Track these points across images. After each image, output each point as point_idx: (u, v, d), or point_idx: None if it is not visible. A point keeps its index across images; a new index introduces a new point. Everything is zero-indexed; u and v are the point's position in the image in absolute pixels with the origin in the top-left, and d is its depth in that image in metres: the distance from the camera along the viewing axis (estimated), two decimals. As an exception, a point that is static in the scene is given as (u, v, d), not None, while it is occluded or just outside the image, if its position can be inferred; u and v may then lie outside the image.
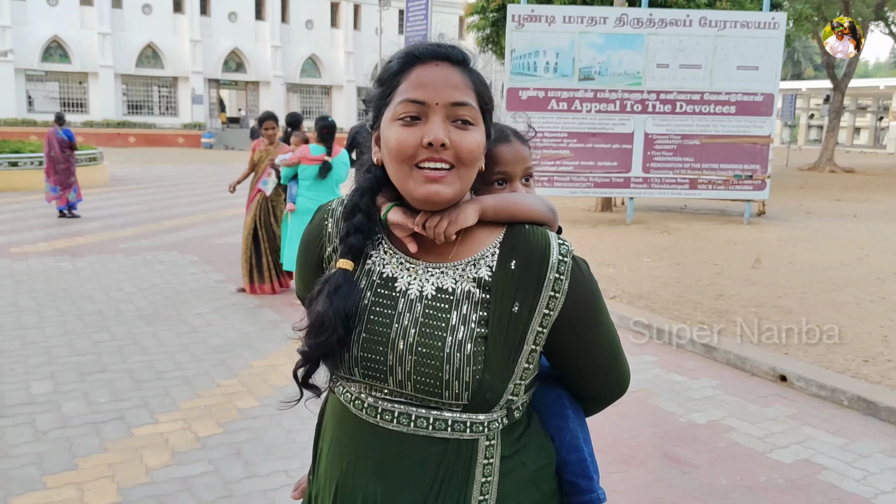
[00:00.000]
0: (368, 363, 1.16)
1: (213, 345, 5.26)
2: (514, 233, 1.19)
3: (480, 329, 1.13)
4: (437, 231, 1.15)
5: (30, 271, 7.48)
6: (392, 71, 1.18)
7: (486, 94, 1.19)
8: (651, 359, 5.17)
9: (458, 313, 1.14)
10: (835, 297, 6.66)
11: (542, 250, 1.16)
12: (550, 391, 1.30)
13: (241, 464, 3.47)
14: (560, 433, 1.28)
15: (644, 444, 3.80)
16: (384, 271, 1.21)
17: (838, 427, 4.07)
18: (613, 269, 7.70)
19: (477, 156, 1.15)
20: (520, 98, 10.97)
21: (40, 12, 35.31)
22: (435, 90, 1.12)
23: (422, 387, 1.13)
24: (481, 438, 1.15)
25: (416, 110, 1.13)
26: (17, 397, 4.19)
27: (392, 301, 1.18)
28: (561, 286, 1.15)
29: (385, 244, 1.23)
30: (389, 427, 1.16)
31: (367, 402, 1.18)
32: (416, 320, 1.15)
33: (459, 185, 1.14)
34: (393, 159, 1.15)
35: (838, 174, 25.12)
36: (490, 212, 1.20)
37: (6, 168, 15.08)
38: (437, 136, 1.10)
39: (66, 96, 37.10)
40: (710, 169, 11.37)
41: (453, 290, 1.16)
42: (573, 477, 1.28)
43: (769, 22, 11.20)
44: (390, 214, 1.20)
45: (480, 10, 20.09)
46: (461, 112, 1.13)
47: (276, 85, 40.49)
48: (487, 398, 1.13)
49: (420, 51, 1.17)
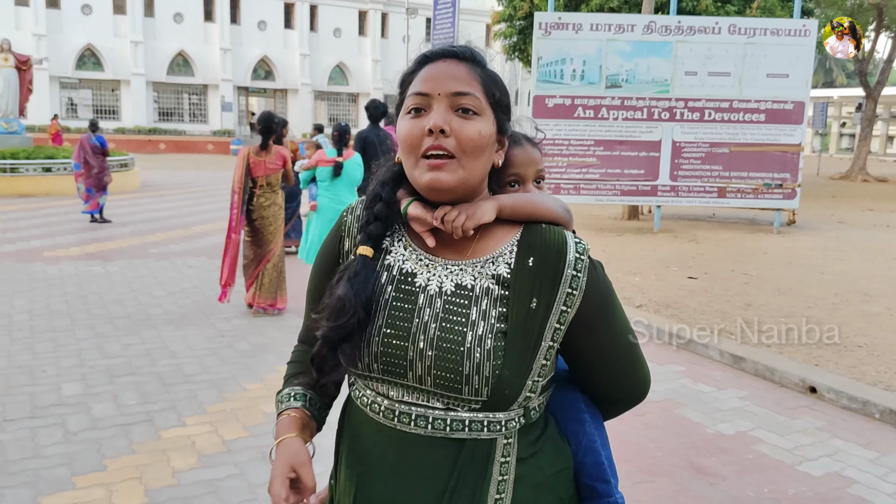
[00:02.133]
0: (389, 357, 1.17)
1: (239, 349, 5.31)
2: (530, 231, 1.22)
3: (500, 325, 1.15)
4: (455, 225, 1.18)
5: (62, 275, 7.62)
6: (408, 72, 1.25)
7: (493, 88, 1.21)
8: (678, 368, 5.12)
9: (478, 309, 1.16)
10: (866, 308, 6.54)
11: (559, 248, 1.18)
12: (567, 395, 1.30)
13: (266, 467, 3.49)
14: (577, 437, 1.28)
15: (670, 455, 3.76)
16: (404, 267, 1.23)
17: (869, 440, 3.99)
18: (640, 278, 7.64)
19: (478, 144, 1.17)
20: (546, 105, 10.96)
21: (75, 21, 36.09)
22: (437, 82, 1.18)
23: (442, 381, 1.14)
24: (499, 437, 1.16)
25: (420, 102, 1.18)
26: (48, 399, 4.27)
27: (412, 296, 1.20)
28: (578, 283, 1.17)
29: (405, 240, 1.26)
30: (406, 430, 1.17)
31: (383, 406, 1.19)
32: (437, 315, 1.17)
33: (462, 173, 1.17)
34: (403, 149, 1.20)
35: (871, 183, 24.70)
36: (507, 209, 1.23)
37: (40, 173, 15.38)
38: (436, 123, 1.14)
39: (99, 103, 37.80)
40: (739, 177, 11.25)
41: (472, 287, 1.18)
42: (591, 481, 1.27)
43: (800, 29, 11.07)
44: (410, 208, 1.23)
45: (507, 18, 20.12)
46: (463, 101, 1.17)
47: (304, 92, 40.90)
48: (506, 394, 1.14)
49: (431, 51, 1.24)
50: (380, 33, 43.56)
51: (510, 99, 1.26)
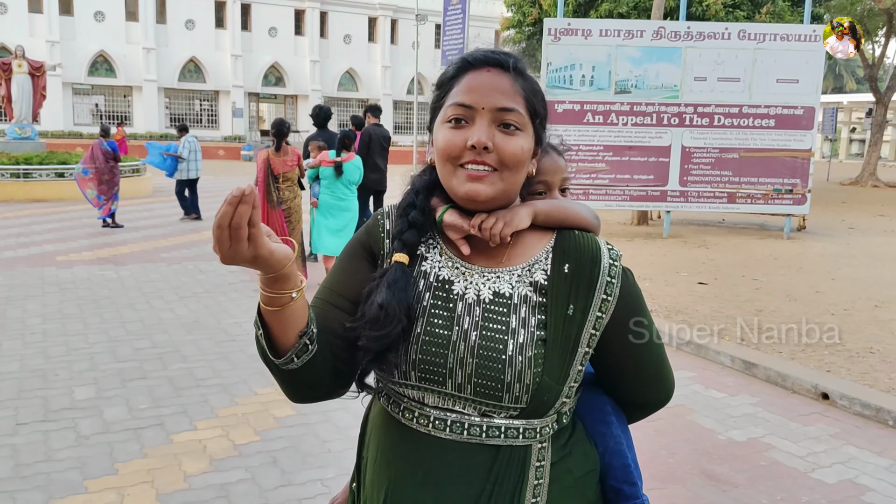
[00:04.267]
0: (427, 366, 1.16)
1: (251, 353, 5.32)
2: (564, 237, 1.22)
3: (539, 332, 1.15)
4: (492, 232, 1.18)
5: (75, 279, 7.67)
6: (448, 76, 1.23)
7: (535, 102, 1.20)
8: (689, 374, 5.10)
9: (518, 317, 1.16)
10: (879, 315, 6.50)
11: (593, 254, 1.19)
12: (594, 398, 1.31)
13: (277, 472, 3.50)
14: (604, 439, 1.29)
15: (682, 462, 3.74)
16: (440, 274, 1.23)
17: (883, 447, 3.96)
18: (650, 283, 7.62)
19: (520, 159, 1.17)
20: (556, 111, 10.95)
21: (87, 28, 36.37)
22: (482, 95, 1.16)
23: (482, 389, 1.13)
24: (534, 443, 1.17)
25: (463, 113, 1.16)
26: (60, 402, 4.29)
27: (451, 304, 1.20)
28: (612, 289, 1.18)
29: (440, 247, 1.26)
30: (441, 436, 1.16)
31: (417, 412, 1.18)
32: (477, 323, 1.17)
33: (501, 185, 1.17)
34: (440, 158, 1.19)
35: (881, 189, 24.56)
36: (542, 215, 1.24)
37: (53, 179, 15.49)
38: (480, 139, 1.13)
39: (111, 109, 38.05)
40: (749, 183, 11.21)
41: (511, 295, 1.18)
42: (617, 483, 1.28)
43: (810, 35, 11.03)
44: (446, 216, 1.23)
45: (517, 24, 20.18)
46: (507, 117, 1.16)
47: (315, 98, 40.99)
48: (545, 401, 1.14)
49: (474, 57, 1.21)
50: (389, 39, 43.68)
51: (547, 110, 1.26)
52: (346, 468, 1.35)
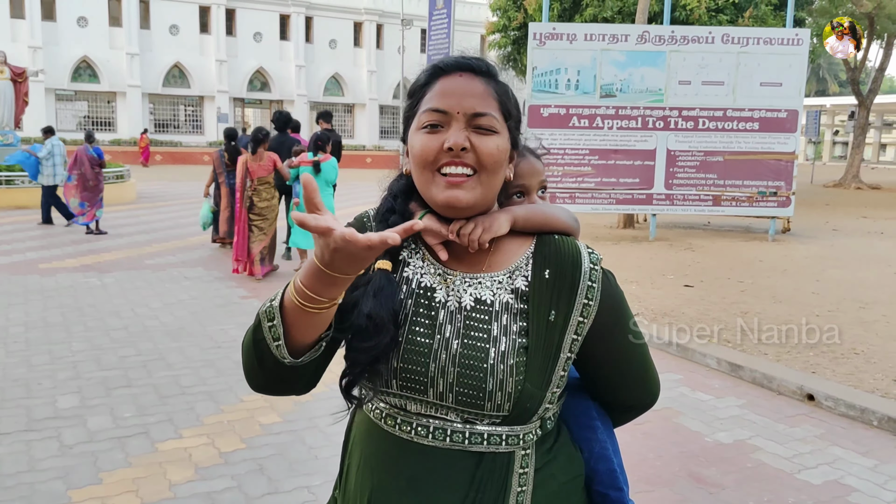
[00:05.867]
0: (408, 374, 1.15)
1: (236, 360, 5.29)
2: (544, 242, 1.22)
3: (521, 339, 1.15)
4: (471, 238, 1.17)
5: (58, 287, 7.59)
6: (420, 83, 1.22)
7: (508, 105, 1.20)
8: (676, 377, 5.12)
9: (499, 325, 1.16)
10: (863, 316, 6.56)
11: (573, 259, 1.19)
12: (578, 402, 1.31)
13: (263, 479, 3.47)
14: (589, 444, 1.29)
15: (669, 464, 3.75)
16: (423, 281, 1.22)
17: (868, 448, 3.99)
18: (637, 286, 7.65)
19: (498, 160, 1.16)
20: (541, 115, 10.99)
21: (70, 33, 36.08)
22: (456, 99, 1.15)
23: (464, 398, 1.13)
24: (517, 450, 1.16)
25: (438, 119, 1.16)
26: (44, 411, 4.24)
27: (432, 311, 1.19)
28: (594, 294, 1.18)
29: (422, 252, 1.25)
30: (424, 442, 1.16)
31: (399, 418, 1.18)
32: (458, 332, 1.16)
33: (481, 190, 1.16)
34: (417, 165, 1.18)
35: (864, 191, 24.80)
36: (521, 220, 1.23)
37: (36, 185, 15.29)
38: (458, 141, 1.13)
39: (95, 115, 37.77)
40: (734, 185, 11.29)
41: (492, 302, 1.18)
42: (603, 488, 1.28)
43: (793, 38, 11.14)
44: (424, 221, 1.21)
45: (502, 28, 20.24)
46: (482, 121, 1.15)
47: (300, 103, 40.93)
48: (528, 408, 1.14)
49: (445, 63, 1.21)
50: (375, 44, 43.64)
51: (521, 112, 1.26)
52: (334, 475, 1.34)
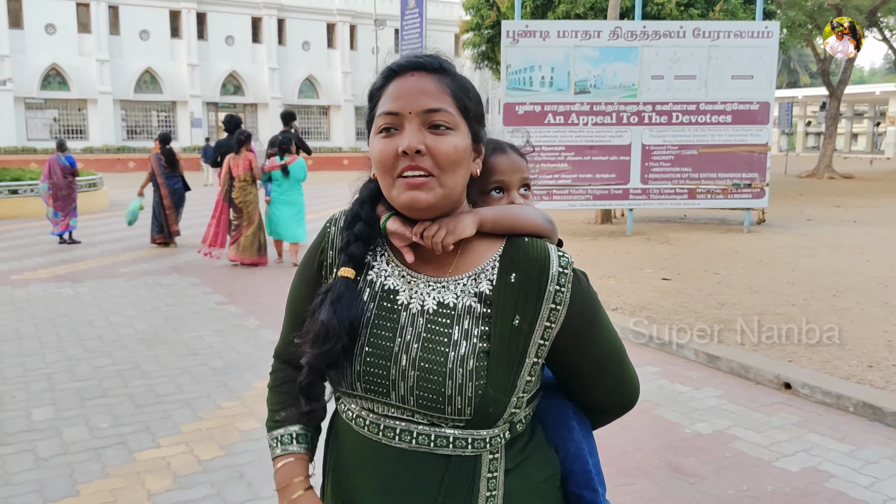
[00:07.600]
0: (371, 377, 1.15)
1: (213, 367, 5.24)
2: (513, 245, 1.19)
3: (482, 344, 1.13)
4: (434, 241, 1.15)
5: (30, 298, 7.48)
6: (376, 87, 1.21)
7: (465, 100, 1.18)
8: (654, 369, 5.15)
9: (460, 328, 1.14)
10: (837, 303, 6.64)
11: (541, 262, 1.16)
12: (554, 402, 1.29)
13: (243, 486, 3.44)
14: (564, 444, 1.27)
15: (649, 456, 3.77)
16: (386, 283, 1.21)
17: (844, 434, 4.04)
18: (615, 281, 7.69)
19: (455, 159, 1.14)
20: (517, 113, 11.01)
21: (38, 41, 35.56)
22: (407, 99, 1.14)
23: (424, 402, 1.12)
24: (484, 454, 1.14)
25: (392, 122, 1.14)
26: (17, 424, 4.17)
27: (395, 314, 1.18)
28: (562, 298, 1.15)
29: (388, 255, 1.24)
30: (392, 444, 1.15)
31: (368, 420, 1.17)
32: (419, 335, 1.15)
33: (441, 191, 1.14)
34: (378, 170, 1.17)
35: (837, 180, 25.13)
36: (489, 223, 1.20)
37: (6, 196, 15.09)
38: (410, 144, 1.11)
39: (66, 123, 37.28)
40: (709, 178, 11.39)
41: (454, 305, 1.16)
42: (578, 489, 1.27)
43: (762, 31, 11.25)
44: (389, 223, 1.20)
45: (475, 27, 20.22)
46: (436, 118, 1.13)
47: (275, 106, 40.66)
48: (491, 413, 1.12)
49: (398, 64, 1.19)
50: (349, 45, 43.52)
51: (482, 106, 1.23)
52: (314, 480, 1.32)
